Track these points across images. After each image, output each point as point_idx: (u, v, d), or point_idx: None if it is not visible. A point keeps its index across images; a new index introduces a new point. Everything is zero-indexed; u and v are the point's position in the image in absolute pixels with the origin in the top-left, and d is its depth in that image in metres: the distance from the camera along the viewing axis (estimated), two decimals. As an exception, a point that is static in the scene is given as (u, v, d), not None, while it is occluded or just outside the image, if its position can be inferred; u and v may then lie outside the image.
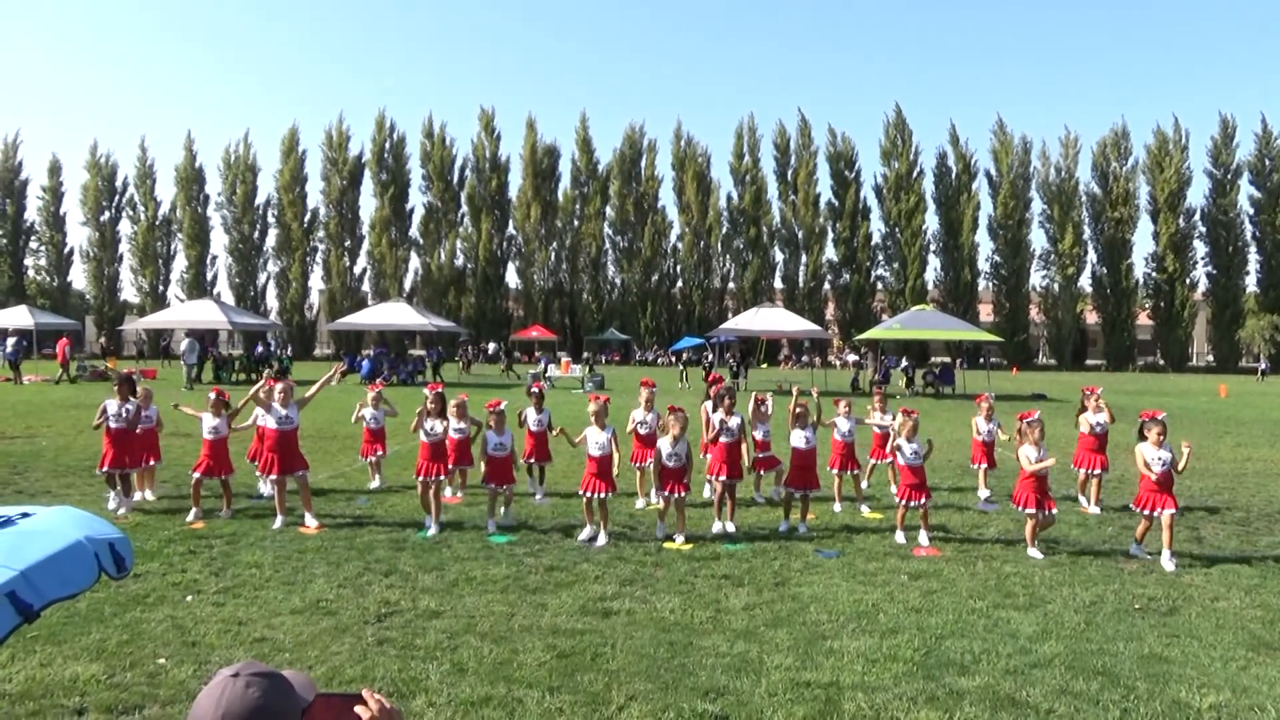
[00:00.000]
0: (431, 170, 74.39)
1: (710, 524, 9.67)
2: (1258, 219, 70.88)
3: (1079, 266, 71.78)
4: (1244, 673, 5.66)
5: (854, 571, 8.04)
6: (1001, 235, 72.03)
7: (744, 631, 6.33)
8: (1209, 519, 10.70)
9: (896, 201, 72.20)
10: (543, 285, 74.78)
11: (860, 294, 72.40)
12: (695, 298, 74.42)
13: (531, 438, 11.28)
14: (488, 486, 9.52)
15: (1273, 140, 70.99)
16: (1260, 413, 27.60)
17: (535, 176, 74.07)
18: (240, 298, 71.40)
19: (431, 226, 74.39)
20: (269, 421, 9.67)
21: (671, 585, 7.49)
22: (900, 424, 9.40)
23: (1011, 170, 71.70)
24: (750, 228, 73.30)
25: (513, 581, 7.50)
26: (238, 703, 1.67)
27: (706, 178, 74.72)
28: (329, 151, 74.21)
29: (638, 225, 74.08)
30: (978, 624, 6.60)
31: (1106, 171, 72.06)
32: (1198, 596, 7.39)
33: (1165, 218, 70.32)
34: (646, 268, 73.67)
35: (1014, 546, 9.11)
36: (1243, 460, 16.19)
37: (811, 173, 73.51)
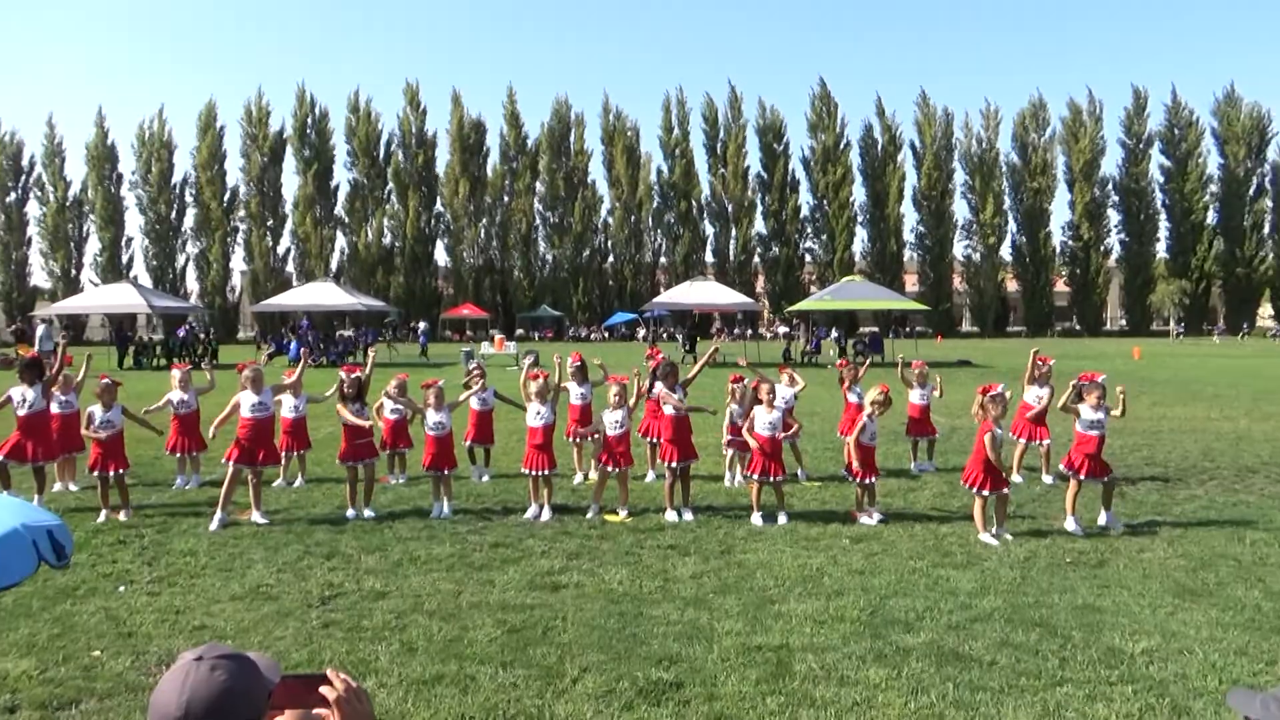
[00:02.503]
0: (357, 146, 72.73)
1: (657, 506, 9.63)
2: (1167, 187, 73.71)
3: (1000, 236, 73.81)
4: (1171, 618, 5.91)
5: (797, 537, 8.16)
6: (926, 206, 73.59)
7: (693, 599, 6.37)
8: (1131, 474, 11.11)
9: (824, 174, 73.09)
10: (473, 263, 73.95)
11: (790, 266, 73.27)
12: (627, 273, 74.46)
13: (474, 418, 11.14)
14: (430, 471, 9.30)
15: (1182, 110, 73.73)
16: (1173, 373, 28.77)
17: (463, 152, 72.98)
18: (158, 281, 69.00)
19: (357, 204, 72.84)
20: (244, 409, 8.96)
21: (618, 557, 7.50)
22: (873, 399, 9.09)
23: (935, 142, 73.17)
24: (681, 201, 73.48)
25: (458, 560, 7.43)
26: (203, 686, 1.60)
27: (636, 152, 74.58)
28: (248, 127, 71.95)
29: (568, 200, 73.64)
30: (919, 583, 6.75)
31: (1026, 142, 74.05)
32: (1124, 549, 7.68)
33: (1081, 187, 72.65)
34: (578, 243, 73.38)
35: (949, 507, 9.35)
36: (1159, 419, 16.86)
37: (741, 146, 73.91)
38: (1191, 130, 73.24)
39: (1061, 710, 4.57)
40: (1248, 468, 11.62)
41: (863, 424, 8.96)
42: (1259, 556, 7.40)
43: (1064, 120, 74.34)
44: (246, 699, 1.65)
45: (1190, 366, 32.43)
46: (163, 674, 1.66)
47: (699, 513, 9.07)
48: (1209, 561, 7.25)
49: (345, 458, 9.25)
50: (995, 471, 8.16)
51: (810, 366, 32.33)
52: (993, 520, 8.19)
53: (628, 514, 8.98)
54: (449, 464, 9.23)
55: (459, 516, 9.02)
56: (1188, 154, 72.82)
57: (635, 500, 9.55)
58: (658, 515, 8.98)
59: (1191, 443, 13.77)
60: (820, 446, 13.15)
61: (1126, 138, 74.47)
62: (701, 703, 4.69)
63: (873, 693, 4.79)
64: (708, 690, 4.83)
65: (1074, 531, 8.21)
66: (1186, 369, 30.96)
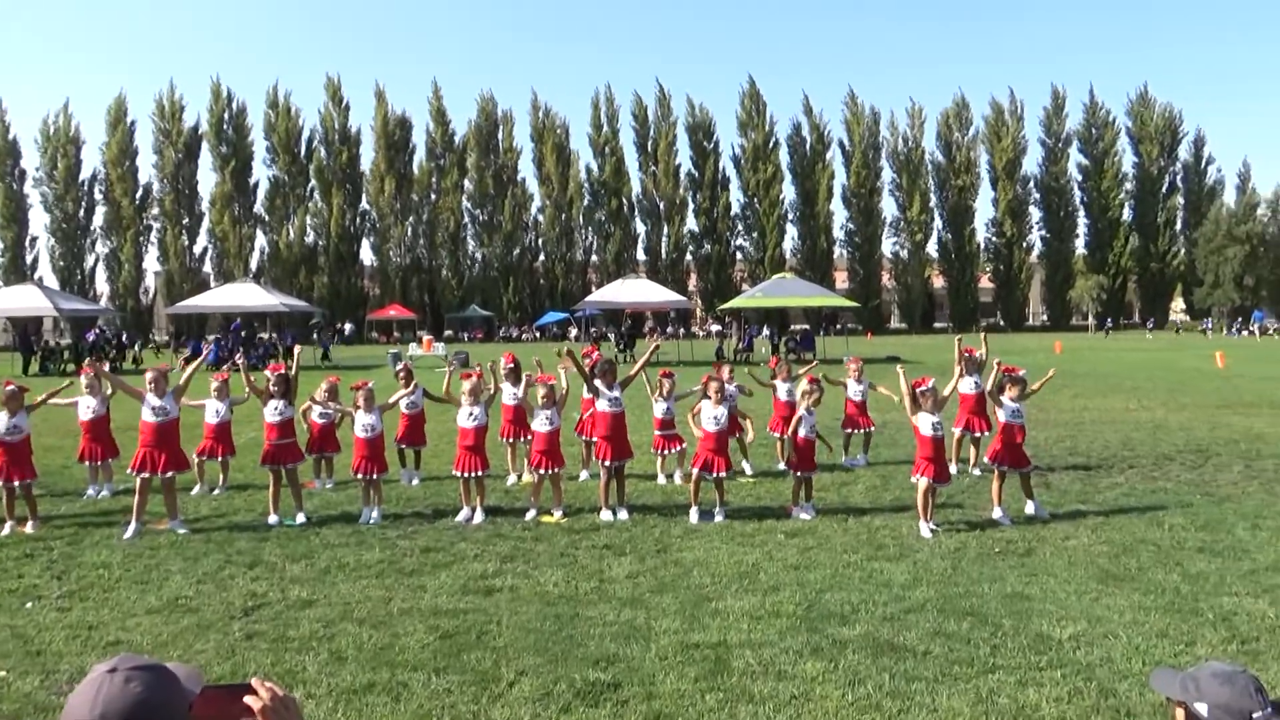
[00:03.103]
0: (276, 142, 71.08)
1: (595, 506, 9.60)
2: (1085, 185, 76.40)
3: (926, 233, 75.59)
4: (1096, 604, 6.10)
5: (733, 534, 8.21)
6: (855, 204, 74.92)
7: (629, 599, 6.36)
8: (1055, 465, 11.46)
9: (754, 172, 73.87)
10: (399, 262, 72.93)
11: (722, 264, 73.89)
12: (558, 271, 74.21)
13: (405, 420, 10.95)
14: (358, 476, 9.09)
15: (1099, 110, 76.51)
16: (1092, 366, 29.80)
17: (388, 149, 71.89)
18: (65, 282, 66.39)
19: (278, 202, 71.21)
20: (145, 413, 8.57)
21: (553, 559, 7.45)
22: (804, 392, 9.24)
23: (863, 140, 74.52)
24: (611, 199, 73.52)
25: (388, 565, 7.29)
26: (117, 699, 1.52)
27: (566, 149, 74.38)
28: (161, 122, 69.75)
29: (497, 198, 73.08)
30: (854, 576, 6.85)
31: (950, 141, 75.97)
32: (1050, 537, 7.91)
33: (1003, 185, 74.81)
34: (507, 242, 72.88)
35: (882, 500, 9.52)
36: (1080, 410, 17.44)
37: (671, 143, 74.23)
38: (1108, 130, 76.04)
39: (994, 696, 4.67)
40: (1165, 456, 12.09)
41: (799, 416, 9.07)
42: (1177, 541, 7.69)
43: (987, 119, 76.51)
44: (164, 711, 1.58)
45: (1109, 360, 33.63)
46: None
47: (635, 511, 9.06)
48: (1130, 547, 7.51)
49: (268, 461, 9.00)
50: (942, 463, 8.35)
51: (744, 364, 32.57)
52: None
53: (563, 514, 8.92)
54: (378, 468, 9.05)
55: (389, 521, 8.86)
56: (1104, 153, 75.58)
57: (571, 500, 9.50)
58: (593, 515, 8.95)
59: (1112, 433, 14.27)
60: (755, 444, 13.25)
61: (1046, 137, 76.95)
62: (640, 702, 4.68)
63: (810, 686, 4.84)
64: (646, 689, 4.82)
65: (1001, 521, 8.43)
66: (1105, 363, 32.10)
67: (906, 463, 9.22)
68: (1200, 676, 2.04)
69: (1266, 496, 9.46)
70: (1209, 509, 8.89)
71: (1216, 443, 13.07)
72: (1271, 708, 2.00)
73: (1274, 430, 14.21)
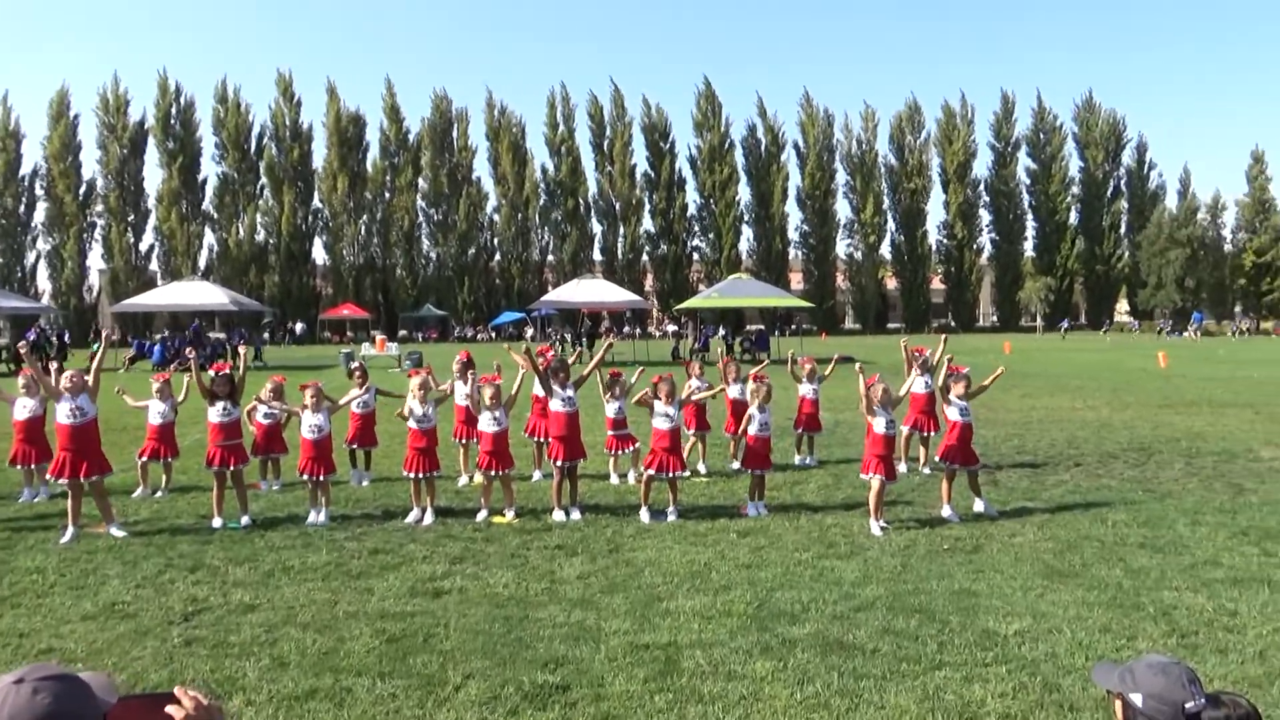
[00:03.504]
0: (226, 138, 69.81)
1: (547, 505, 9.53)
2: (1033, 189, 77.90)
3: (880, 235, 76.50)
4: (1041, 599, 6.19)
5: (685, 533, 8.19)
6: (809, 205, 75.59)
7: (580, 600, 6.31)
8: (1003, 463, 11.63)
9: (710, 173, 74.16)
10: (353, 261, 72.05)
11: (678, 264, 74.06)
12: (514, 271, 73.85)
13: (356, 420, 10.77)
14: (305, 477, 8.92)
15: (1046, 115, 78.06)
16: (1041, 367, 30.36)
17: (340, 146, 70.96)
18: (5, 280, 64.48)
19: (227, 199, 69.94)
20: (59, 415, 8.26)
21: (503, 560, 7.37)
22: (753, 391, 9.29)
23: (817, 143, 75.22)
24: (568, 199, 73.34)
25: (334, 568, 7.16)
26: (24, 712, 1.45)
27: (521, 148, 74.04)
28: (105, 116, 68.14)
29: (452, 197, 72.54)
30: (805, 574, 6.87)
31: (903, 144, 76.99)
32: (997, 534, 8.01)
33: (954, 188, 76.01)
34: (463, 241, 72.34)
35: (834, 499, 9.58)
36: (1028, 409, 17.73)
37: (627, 144, 74.25)
38: (1055, 135, 77.61)
39: (940, 693, 4.71)
40: (1109, 454, 12.32)
41: (749, 415, 9.11)
42: (1120, 537, 7.83)
43: (938, 123, 77.64)
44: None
45: (1056, 360, 34.29)
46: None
47: (587, 512, 9.01)
48: (1075, 544, 7.63)
49: (213, 463, 8.79)
50: (891, 461, 8.42)
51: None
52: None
53: (515, 515, 8.84)
54: (326, 469, 8.88)
55: (336, 523, 8.70)
56: (1052, 157, 77.16)
57: (523, 501, 9.42)
58: (545, 515, 8.88)
59: (1058, 431, 14.52)
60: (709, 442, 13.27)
61: (996, 141, 78.31)
62: (588, 704, 4.64)
63: (759, 685, 4.83)
64: (594, 691, 4.78)
65: (950, 519, 8.52)
66: (1053, 363, 32.72)
67: (859, 461, 9.27)
68: (1137, 669, 2.07)
69: (1205, 493, 9.68)
70: (1151, 506, 9.07)
71: (1159, 441, 13.37)
72: (1206, 699, 2.02)
73: (1213, 429, 14.57)
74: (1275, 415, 16.19)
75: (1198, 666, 4.94)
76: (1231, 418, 15.92)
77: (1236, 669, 4.96)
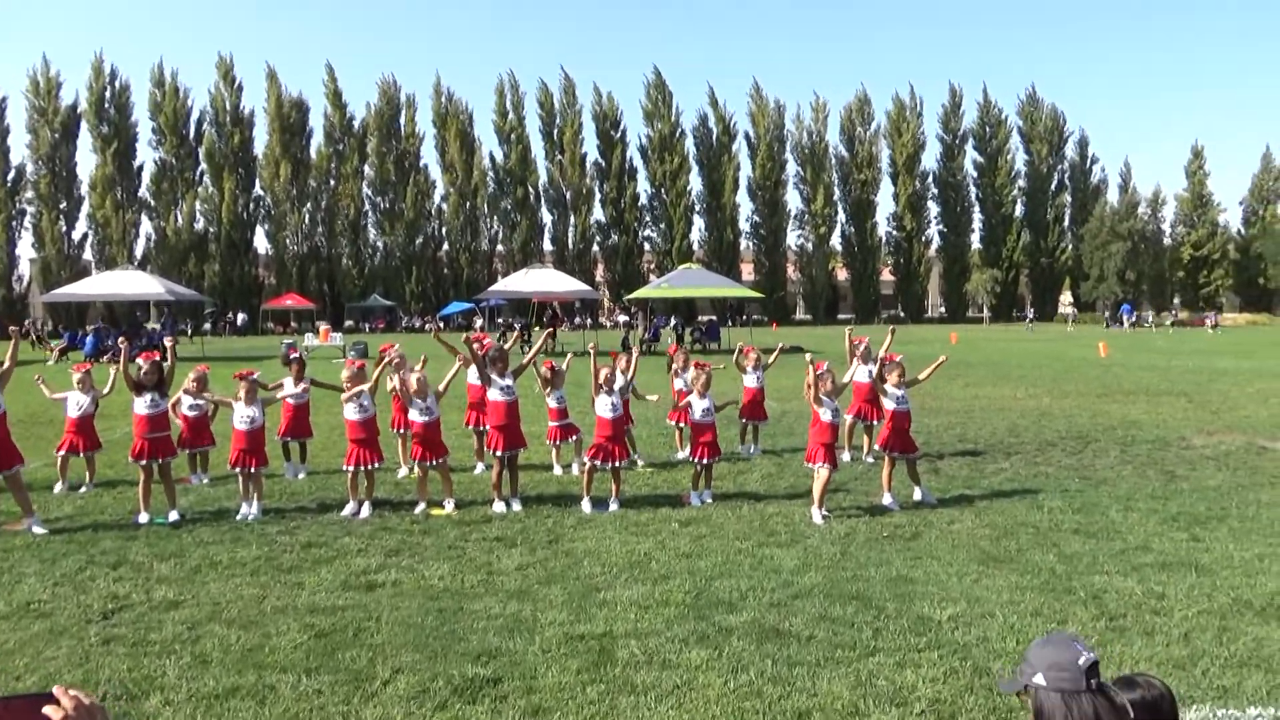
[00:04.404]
0: (163, 123, 67.98)
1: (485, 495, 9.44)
2: (980, 181, 79.08)
3: (830, 226, 77.10)
4: (976, 585, 6.27)
5: (626, 523, 8.16)
6: (760, 196, 75.91)
7: (517, 592, 6.25)
8: (945, 451, 11.79)
9: (661, 162, 74.10)
10: (296, 250, 70.73)
11: (629, 254, 73.93)
12: (462, 261, 73.14)
13: (290, 411, 10.55)
14: (236, 469, 8.72)
15: (992, 109, 79.24)
16: (985, 356, 30.88)
17: (283, 132, 69.53)
18: (-73, 269, 62.22)
19: (165, 186, 68.15)
20: None
21: (440, 552, 7.28)
22: (693, 378, 9.34)
23: (768, 133, 75.49)
24: (517, 188, 72.77)
25: (264, 562, 7.00)
26: None
27: (470, 136, 73.27)
28: (35, 100, 65.82)
29: (399, 185, 71.56)
30: (744, 563, 6.89)
31: (853, 135, 77.58)
32: (936, 521, 8.11)
33: (904, 179, 76.86)
34: (410, 230, 71.43)
35: (777, 488, 9.62)
36: (971, 398, 18.01)
37: (577, 132, 73.83)
38: (1001, 128, 78.85)
39: (873, 679, 4.74)
40: (1048, 442, 12.56)
41: (688, 401, 9.12)
42: (1054, 523, 7.98)
43: (888, 114, 78.41)
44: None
45: (1000, 351, 34.91)
46: None
47: (528, 503, 8.94)
48: (1011, 530, 7.75)
49: (139, 456, 8.55)
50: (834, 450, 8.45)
51: (649, 355, 32.68)
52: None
53: (454, 507, 8.74)
54: (258, 461, 8.68)
55: (270, 517, 8.53)
56: (998, 150, 78.37)
57: (464, 493, 9.33)
58: (485, 507, 8.79)
59: (1000, 420, 14.77)
60: (654, 432, 13.27)
61: (944, 134, 79.30)
62: (519, 696, 4.59)
63: (693, 674, 4.82)
64: (526, 683, 4.73)
65: (890, 507, 8.61)
66: (997, 353, 33.30)
67: (803, 450, 9.31)
68: (1028, 655, 2.09)
69: (1139, 480, 9.90)
70: (1086, 492, 9.26)
71: (1096, 429, 13.65)
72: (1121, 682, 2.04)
73: (1148, 417, 14.92)
74: (1208, 404, 16.64)
75: (1125, 649, 5.05)
76: (1166, 406, 16.33)
77: (1162, 650, 5.06)
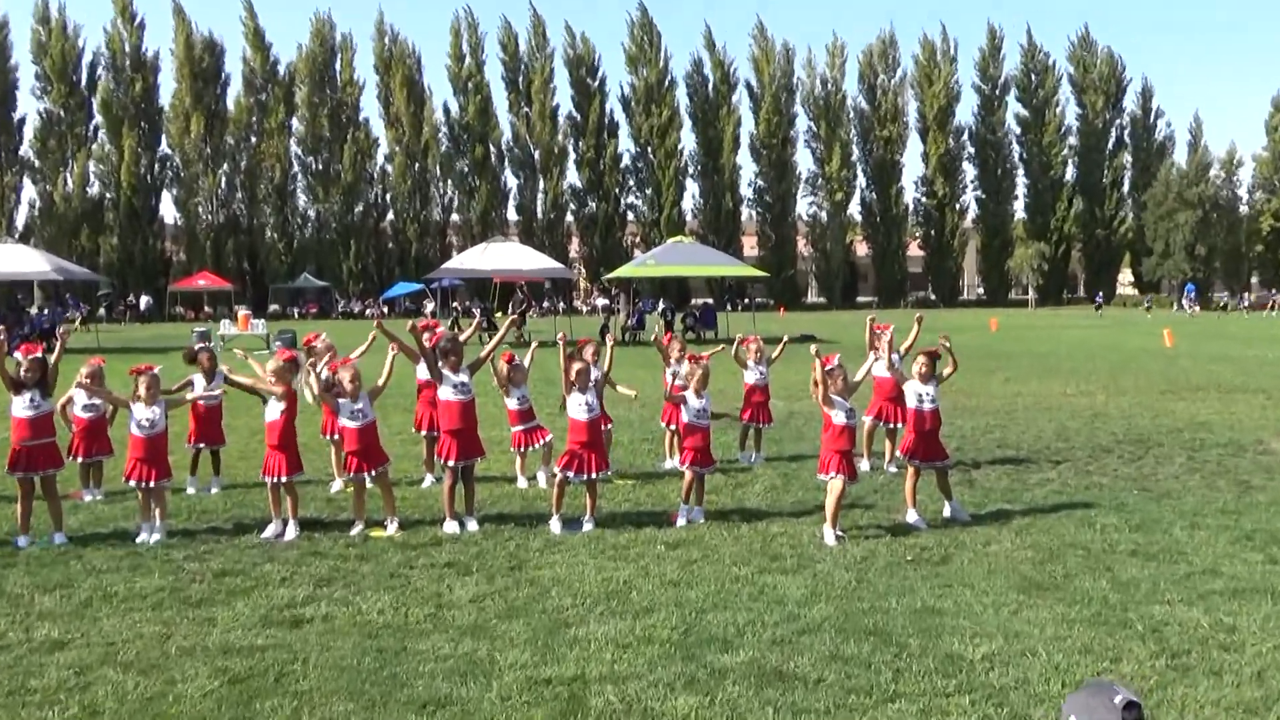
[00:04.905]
0: (49, 68, 67.58)
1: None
2: (1024, 138, 79.51)
3: (848, 192, 77.39)
4: (1015, 617, 6.30)
5: (603, 546, 8.16)
6: (765, 156, 76.11)
7: (471, 628, 6.25)
8: (981, 459, 11.85)
9: (647, 116, 74.17)
10: (211, 220, 70.49)
11: (609, 225, 74.04)
12: (411, 233, 73.08)
13: (200, 414, 10.49)
14: (134, 483, 8.65)
15: (1038, 54, 79.60)
16: (1028, 346, 31.09)
17: (194, 79, 69.30)
18: None
19: (52, 144, 67.81)
20: None
21: (380, 581, 7.27)
22: (688, 373, 9.32)
23: (774, 82, 75.66)
24: (476, 146, 72.75)
25: (169, 594, 6.97)
26: None
27: (419, 84, 73.22)
28: (-108, 40, 65.22)
29: (334, 143, 71.44)
30: (742, 592, 6.91)
31: (874, 84, 77.85)
32: (969, 542, 8.15)
33: (935, 137, 77.23)
34: (348, 196, 71.32)
35: (782, 503, 9.65)
36: (1013, 396, 18.13)
37: (548, 80, 73.86)
38: (1048, 76, 79.36)
39: (892, 730, 4.76)
40: (1102, 447, 12.66)
41: (681, 398, 9.12)
42: (1109, 544, 8.03)
43: (916, 60, 78.74)
44: None
45: (1047, 339, 35.15)
46: None
47: (486, 522, 8.94)
48: (1058, 552, 7.80)
49: (18, 468, 8.49)
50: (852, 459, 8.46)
51: (634, 345, 32.76)
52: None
53: (397, 527, 8.72)
54: (160, 473, 8.62)
55: (175, 540, 8.48)
56: (1045, 102, 78.91)
57: (409, 510, 9.31)
58: (434, 527, 8.78)
59: (1046, 421, 14.87)
60: (637, 438, 13.30)
61: (982, 82, 79.72)
62: (472, 753, 4.58)
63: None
64: (481, 737, 4.73)
65: (916, 525, 8.65)
66: (1043, 342, 33.53)
67: (814, 458, 9.34)
68: (1063, 707, 2.12)
69: (1208, 492, 9.99)
70: (1146, 507, 9.33)
71: (1159, 432, 13.77)
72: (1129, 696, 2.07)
73: (1220, 418, 15.06)
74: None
75: (1188, 691, 5.10)
76: (1241, 404, 16.49)
77: (1232, 693, 5.10)
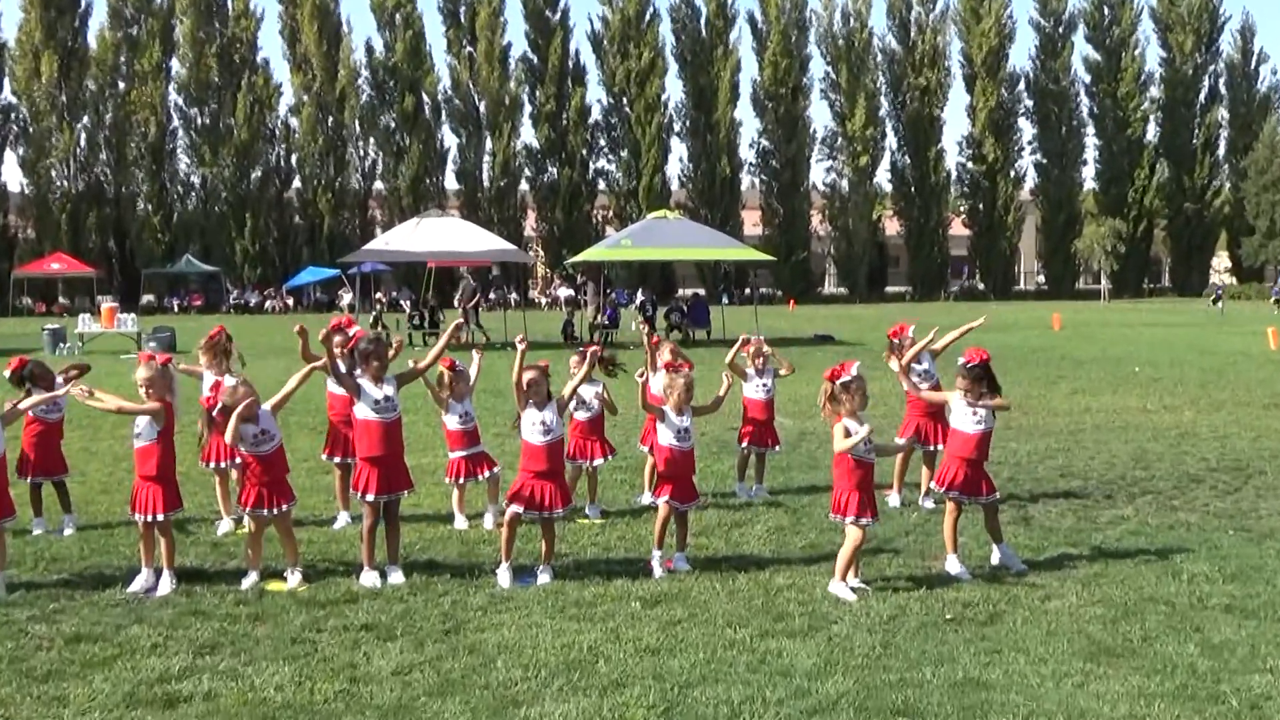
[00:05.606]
0: None
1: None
2: (1095, 89, 79.81)
3: (875, 155, 77.53)
4: (1080, 691, 6.34)
5: (563, 602, 8.17)
6: (772, 110, 76.26)
7: (395, 708, 6.24)
8: (1038, 491, 11.92)
9: (623, 59, 74.29)
10: (68, 187, 70.13)
11: (574, 196, 74.03)
12: (322, 206, 72.89)
13: (34, 435, 10.46)
14: None
15: (1113, -19, 79.96)
16: (1101, 349, 31.30)
17: (44, 7, 68.92)
18: None
19: None
20: None
21: (280, 647, 7.25)
22: (666, 385, 9.30)
23: (783, 17, 75.78)
24: (405, 96, 72.59)
25: (7, 665, 6.94)
26: None
27: (333, 17, 73.03)
28: None
29: (225, 91, 71.26)
30: (738, 661, 6.91)
31: (908, 21, 78.08)
32: (1024, 596, 8.19)
33: (984, 85, 77.51)
34: (242, 158, 71.08)
35: (789, 548, 9.67)
36: (1080, 412, 18.24)
37: (496, 13, 73.77)
38: (1124, 11, 79.70)
39: (925, 835, 4.77)
40: (1190, 476, 12.75)
41: (662, 411, 9.10)
42: (1197, 598, 8.09)
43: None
44: None
45: (1122, 340, 35.41)
46: None
47: (415, 572, 8.92)
48: (1134, 608, 7.85)
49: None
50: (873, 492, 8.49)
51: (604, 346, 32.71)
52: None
53: (302, 579, 8.70)
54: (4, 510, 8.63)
55: (18, 595, 8.45)
56: (1120, 43, 79.30)
57: (317, 556, 9.29)
58: (349, 580, 8.77)
59: (1120, 444, 14.97)
60: (609, 465, 13.29)
61: (1042, 18, 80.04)
62: None
63: (657, 831, 4.83)
64: (405, 847, 4.72)
65: (957, 575, 8.68)
66: (1118, 343, 33.77)
67: (828, 492, 9.36)
68: None
69: (1322, 532, 10.09)
70: (1244, 551, 9.40)
71: (1260, 457, 13.90)
72: None
73: (1339, 438, 15.22)
74: None
75: (1295, 785, 5.13)
76: (1365, 423, 16.65)
77: (1349, 786, 5.15)
